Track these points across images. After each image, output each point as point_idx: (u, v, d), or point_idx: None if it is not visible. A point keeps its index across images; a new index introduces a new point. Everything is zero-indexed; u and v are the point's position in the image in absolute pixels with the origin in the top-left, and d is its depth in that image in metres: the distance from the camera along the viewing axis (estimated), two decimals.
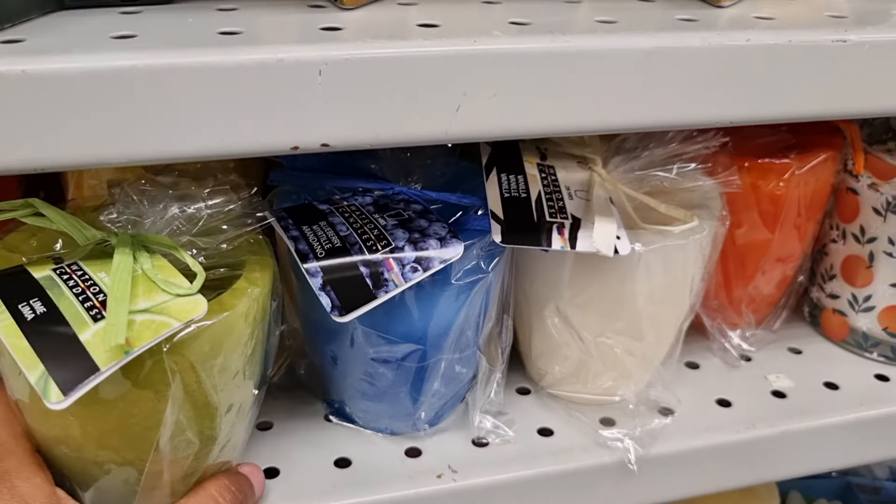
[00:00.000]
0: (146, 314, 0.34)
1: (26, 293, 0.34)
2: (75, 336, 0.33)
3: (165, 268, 0.37)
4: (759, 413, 0.54)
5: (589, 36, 0.36)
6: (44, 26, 0.35)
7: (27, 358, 0.32)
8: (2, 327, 0.33)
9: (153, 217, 0.40)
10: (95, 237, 0.38)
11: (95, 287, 0.35)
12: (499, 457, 0.50)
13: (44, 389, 0.31)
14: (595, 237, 0.43)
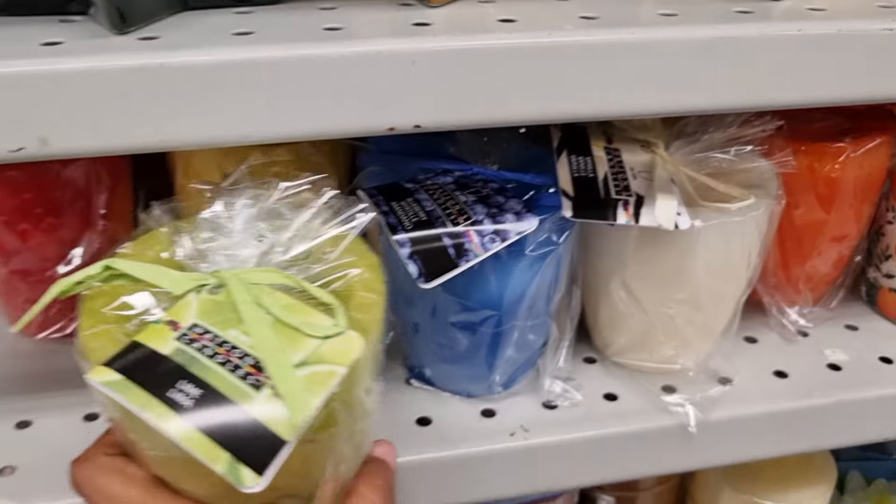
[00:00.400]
0: (306, 368, 0.32)
1: (169, 377, 0.31)
2: (245, 412, 0.30)
3: (294, 306, 0.35)
4: (814, 384, 0.57)
5: (652, 28, 0.40)
6: (173, 25, 0.40)
7: (206, 449, 0.29)
8: (164, 422, 0.29)
9: (238, 240, 0.38)
10: (192, 283, 0.35)
11: (236, 350, 0.32)
12: (567, 418, 0.54)
13: (236, 477, 0.29)
14: (657, 213, 0.46)
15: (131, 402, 0.30)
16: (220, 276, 0.35)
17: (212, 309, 0.34)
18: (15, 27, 0.40)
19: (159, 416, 0.29)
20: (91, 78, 0.35)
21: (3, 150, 0.36)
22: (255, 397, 0.30)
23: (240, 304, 0.34)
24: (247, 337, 0.33)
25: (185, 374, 0.31)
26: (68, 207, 0.55)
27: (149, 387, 0.30)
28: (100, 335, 0.34)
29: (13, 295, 0.58)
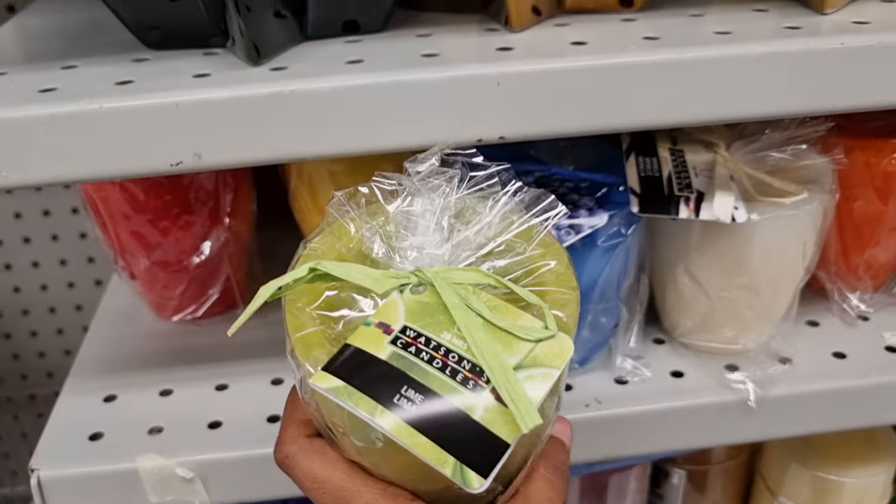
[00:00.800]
0: (523, 371, 0.32)
1: (392, 383, 0.31)
2: (467, 417, 0.31)
3: (501, 308, 0.35)
4: (871, 365, 0.62)
5: (708, 46, 0.46)
6: (297, 56, 0.48)
7: (434, 454, 0.30)
8: (392, 429, 0.30)
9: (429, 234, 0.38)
10: (394, 283, 0.35)
11: (452, 354, 0.33)
12: (637, 392, 0.60)
13: (463, 480, 0.29)
14: (715, 207, 0.52)
15: (360, 408, 0.31)
16: (423, 275, 0.35)
17: (419, 310, 0.34)
18: (170, 61, 0.48)
19: (390, 425, 0.30)
20: (235, 104, 0.43)
21: (165, 164, 0.44)
22: (476, 402, 0.31)
23: (451, 307, 0.34)
24: (461, 340, 0.33)
25: (406, 380, 0.31)
26: (200, 207, 0.64)
27: (374, 394, 0.31)
28: (310, 338, 0.35)
29: (153, 283, 0.68)
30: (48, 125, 0.43)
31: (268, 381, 0.64)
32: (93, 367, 0.67)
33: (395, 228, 0.38)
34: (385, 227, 0.39)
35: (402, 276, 0.35)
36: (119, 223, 0.63)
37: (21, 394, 1.25)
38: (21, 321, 1.18)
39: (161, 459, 0.56)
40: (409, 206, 0.38)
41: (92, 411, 0.62)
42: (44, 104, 0.43)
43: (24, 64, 0.51)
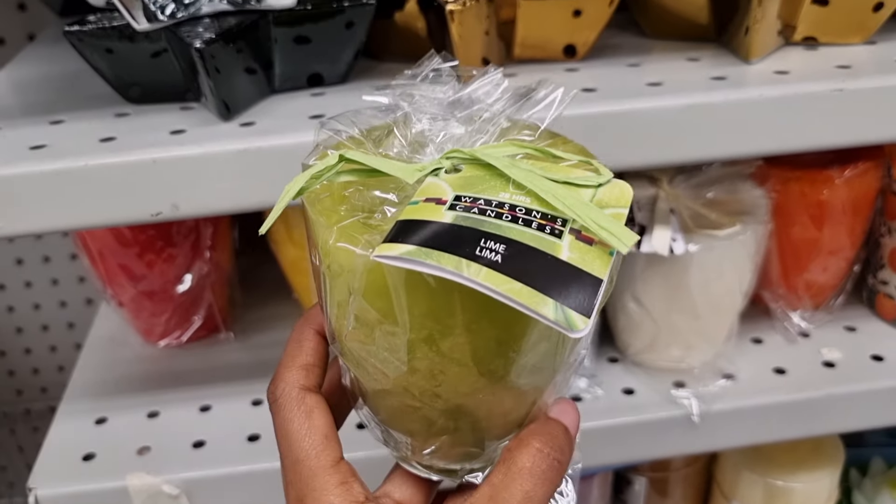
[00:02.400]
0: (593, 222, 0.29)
1: (468, 239, 0.28)
2: (555, 259, 0.28)
3: (551, 167, 0.32)
4: (809, 379, 0.66)
5: (638, 99, 0.50)
6: (265, 110, 0.53)
7: (530, 297, 0.26)
8: (483, 278, 0.27)
9: (441, 124, 0.35)
10: (424, 171, 0.32)
11: (518, 208, 0.29)
12: (590, 409, 0.64)
13: (567, 322, 0.26)
14: (654, 241, 0.57)
15: (444, 264, 0.27)
16: (458, 154, 0.32)
17: (464, 183, 0.31)
18: (149, 116, 0.53)
19: (481, 275, 0.27)
20: (208, 160, 0.47)
21: (146, 214, 0.49)
22: (560, 244, 0.28)
23: (503, 168, 0.31)
24: (522, 196, 0.30)
25: (482, 234, 0.28)
26: (183, 241, 0.68)
27: (453, 250, 0.27)
28: (350, 228, 0.31)
29: (140, 310, 0.72)
30: (39, 181, 0.47)
31: (249, 403, 0.68)
32: (85, 390, 0.71)
33: (404, 130, 0.35)
34: (392, 132, 0.36)
35: (433, 164, 0.32)
36: (107, 256, 0.68)
37: (16, 409, 1.30)
38: (15, 339, 1.22)
39: (149, 478, 0.61)
40: (408, 105, 0.35)
41: (84, 433, 0.66)
42: (34, 162, 0.47)
43: (16, 118, 0.55)
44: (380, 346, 0.32)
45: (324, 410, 0.35)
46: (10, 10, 0.97)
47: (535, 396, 0.35)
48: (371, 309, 0.31)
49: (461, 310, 0.30)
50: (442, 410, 0.34)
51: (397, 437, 0.37)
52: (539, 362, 0.33)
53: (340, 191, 0.33)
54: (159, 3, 0.48)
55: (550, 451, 0.34)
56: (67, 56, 0.66)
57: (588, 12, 0.54)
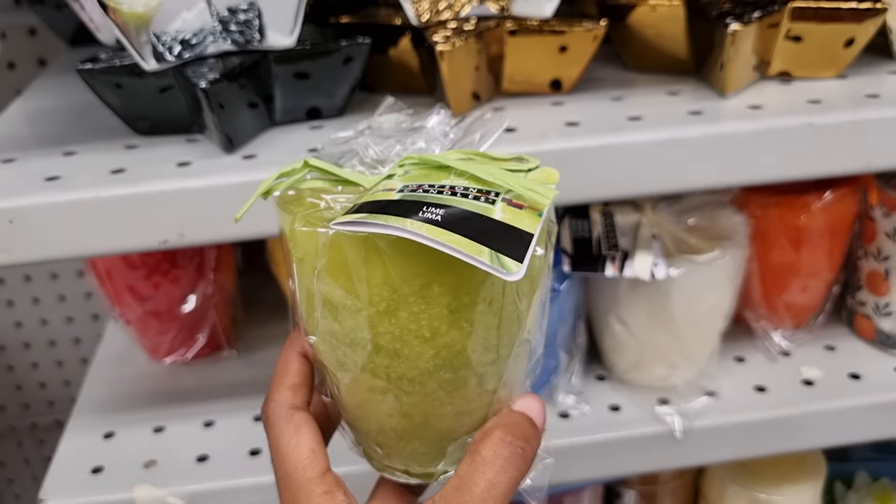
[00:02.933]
0: (521, 188, 0.34)
1: (411, 208, 0.32)
2: (489, 218, 0.32)
3: (489, 163, 0.36)
4: (788, 397, 0.69)
5: (619, 132, 0.53)
6: (266, 142, 0.56)
7: (468, 246, 0.30)
8: (426, 231, 0.30)
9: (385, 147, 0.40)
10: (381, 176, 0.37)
11: (457, 187, 0.34)
12: (578, 425, 0.67)
13: (501, 265, 0.30)
14: (636, 266, 0.60)
15: (390, 222, 0.31)
16: (408, 161, 0.37)
17: (412, 179, 0.35)
18: (157, 148, 0.56)
19: (423, 229, 0.30)
20: (212, 191, 0.51)
21: (154, 242, 0.52)
22: (493, 209, 0.32)
23: (446, 162, 0.35)
24: (462, 181, 0.34)
25: (424, 203, 0.32)
26: (188, 263, 0.71)
27: (398, 213, 0.31)
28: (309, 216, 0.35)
29: (147, 329, 0.75)
30: (53, 211, 0.50)
31: (250, 418, 0.71)
32: (93, 406, 0.74)
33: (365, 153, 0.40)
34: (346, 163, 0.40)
35: (388, 171, 0.37)
36: (115, 277, 0.71)
37: (23, 422, 1.32)
38: (23, 354, 1.25)
39: (155, 490, 0.63)
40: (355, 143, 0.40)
41: (93, 447, 0.69)
42: (50, 193, 0.51)
43: (30, 148, 0.58)
44: (346, 328, 0.35)
45: (311, 426, 0.38)
46: (21, 35, 1.00)
47: (494, 383, 0.37)
48: (335, 285, 0.34)
49: (413, 275, 0.33)
50: (408, 393, 0.36)
51: (372, 440, 0.40)
52: (488, 339, 0.35)
53: (305, 198, 0.37)
54: (167, 44, 0.51)
55: (513, 440, 0.36)
56: (78, 87, 0.69)
57: (573, 48, 0.57)
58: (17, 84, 1.02)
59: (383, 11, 0.59)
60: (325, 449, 0.39)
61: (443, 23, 0.55)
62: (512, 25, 0.56)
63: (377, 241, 0.32)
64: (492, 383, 0.37)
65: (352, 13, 0.59)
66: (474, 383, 0.37)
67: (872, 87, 0.58)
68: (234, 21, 0.52)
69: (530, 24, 0.56)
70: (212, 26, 0.52)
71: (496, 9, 0.56)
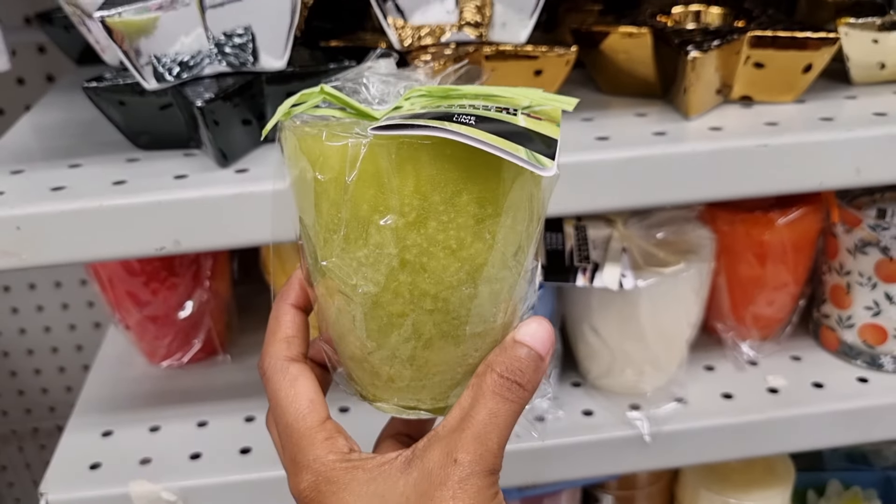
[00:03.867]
0: (539, 100, 0.36)
1: (443, 116, 0.33)
2: (516, 125, 0.34)
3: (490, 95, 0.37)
4: (752, 404, 0.72)
5: (586, 151, 0.57)
6: (258, 157, 0.59)
7: (505, 144, 0.32)
8: (464, 129, 0.32)
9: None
10: (390, 108, 0.37)
11: (475, 106, 0.35)
12: (552, 429, 0.70)
13: (537, 160, 0.32)
14: (605, 277, 0.63)
15: (434, 125, 0.32)
16: (413, 93, 0.37)
17: (428, 103, 0.36)
18: (156, 161, 0.60)
19: (466, 129, 0.32)
20: (207, 202, 0.54)
21: (151, 249, 0.56)
22: (517, 119, 0.34)
23: (458, 88, 0.37)
24: (477, 101, 0.35)
25: (454, 113, 0.33)
26: (185, 271, 0.75)
27: (437, 118, 0.33)
28: (334, 128, 0.35)
29: (145, 333, 0.79)
30: (59, 219, 0.54)
31: (242, 419, 0.75)
32: (93, 406, 0.78)
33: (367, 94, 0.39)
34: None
35: (397, 103, 0.37)
36: (116, 284, 0.75)
37: (25, 427, 1.36)
38: (26, 360, 1.29)
39: (150, 485, 0.67)
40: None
41: (92, 444, 0.72)
42: (55, 202, 0.54)
43: (38, 160, 0.62)
44: (371, 244, 0.35)
45: (308, 377, 0.39)
46: (31, 52, 1.05)
47: (507, 302, 0.38)
48: (365, 197, 0.34)
49: (444, 182, 0.34)
50: (429, 312, 0.37)
51: (384, 374, 0.39)
52: (506, 253, 0.37)
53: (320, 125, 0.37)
54: (167, 66, 0.55)
55: (510, 375, 0.37)
56: (84, 103, 0.73)
57: (547, 72, 0.61)
58: (25, 99, 1.07)
59: (370, 36, 0.63)
60: (323, 398, 0.39)
61: (424, 47, 0.59)
62: (489, 50, 0.60)
63: (412, 148, 0.33)
64: (505, 302, 0.38)
65: (340, 37, 0.63)
66: (491, 301, 0.37)
67: (828, 110, 0.62)
68: (229, 44, 0.56)
69: (506, 49, 0.60)
70: (208, 49, 0.56)
71: (474, 35, 0.60)
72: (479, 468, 0.35)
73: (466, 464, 0.35)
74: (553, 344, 0.40)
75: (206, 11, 0.54)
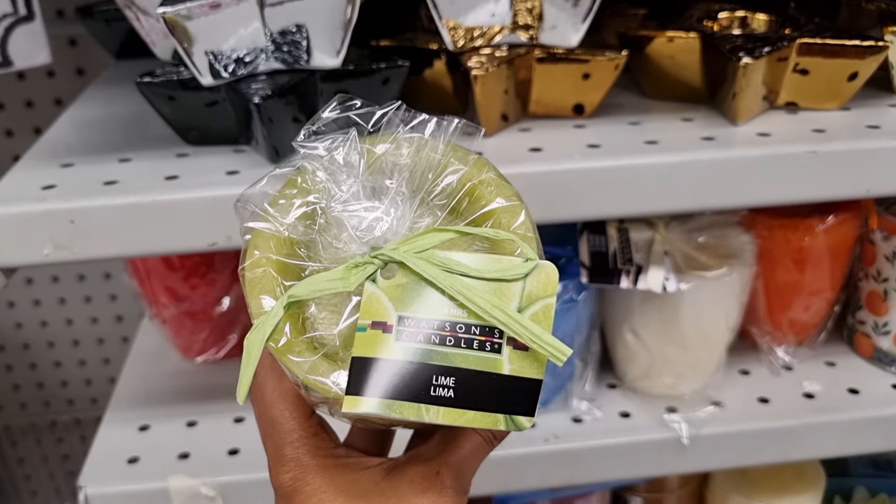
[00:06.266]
0: (526, 312, 0.33)
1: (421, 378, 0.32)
2: (500, 375, 0.32)
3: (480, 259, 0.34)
4: (790, 409, 0.73)
5: (636, 155, 0.57)
6: None
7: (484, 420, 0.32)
8: (442, 418, 0.32)
9: (361, 203, 0.36)
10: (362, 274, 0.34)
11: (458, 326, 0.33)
12: (590, 430, 0.71)
13: (516, 426, 0.32)
14: (649, 279, 0.64)
15: (406, 415, 0.32)
16: (386, 255, 0.34)
17: (403, 295, 0.33)
18: (207, 157, 0.60)
19: (441, 417, 0.32)
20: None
21: (203, 244, 0.56)
22: (501, 360, 0.32)
23: (433, 280, 0.33)
24: (458, 310, 0.33)
25: (432, 369, 0.32)
26: (223, 267, 0.75)
27: (411, 396, 0.32)
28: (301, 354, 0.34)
29: (181, 328, 0.79)
30: (112, 213, 0.54)
31: None
32: (129, 401, 0.78)
33: (319, 201, 0.37)
34: (307, 209, 0.38)
35: (365, 263, 0.34)
36: (154, 279, 0.75)
37: (43, 419, 1.36)
38: (46, 353, 1.29)
39: (189, 480, 0.67)
40: (332, 186, 0.37)
41: (129, 439, 0.73)
42: (109, 196, 0.55)
43: (87, 154, 0.62)
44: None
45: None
46: (62, 44, 1.05)
47: None
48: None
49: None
50: None
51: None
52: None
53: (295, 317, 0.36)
54: (223, 62, 0.56)
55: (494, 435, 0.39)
56: (125, 98, 0.74)
57: (596, 76, 0.62)
58: (56, 92, 1.07)
59: (421, 36, 0.63)
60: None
61: (476, 49, 0.59)
62: (540, 53, 0.60)
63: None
64: None
65: (391, 37, 0.64)
66: None
67: (873, 118, 0.63)
68: (285, 41, 0.56)
69: (557, 53, 0.60)
70: (264, 45, 0.56)
71: (526, 37, 0.60)
72: (458, 484, 0.37)
73: (448, 478, 0.37)
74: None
75: (266, 8, 0.54)
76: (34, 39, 0.58)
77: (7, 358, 1.29)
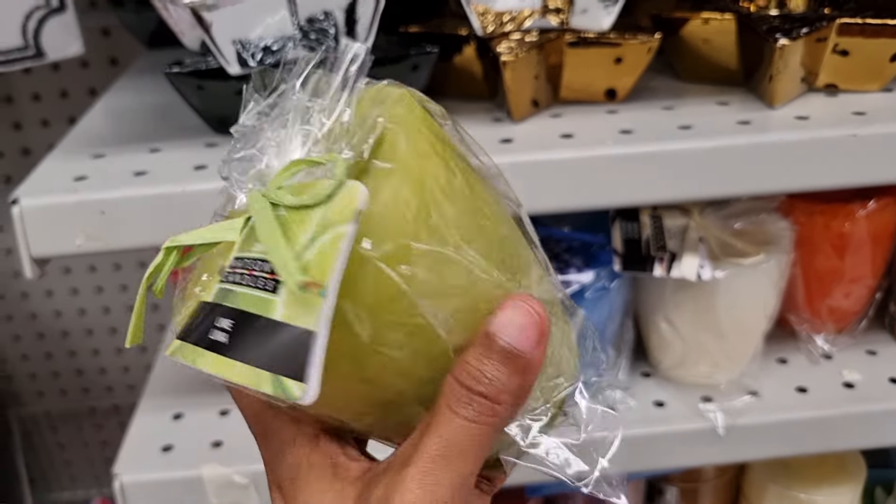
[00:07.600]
0: (313, 244, 0.27)
1: (208, 320, 0.29)
2: (270, 320, 0.27)
3: (302, 186, 0.29)
4: (829, 399, 0.71)
5: (670, 141, 0.56)
6: None
7: (249, 377, 0.26)
8: (210, 367, 0.28)
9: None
10: (242, 220, 0.30)
11: (257, 262, 0.28)
12: (623, 419, 0.70)
13: (285, 392, 0.25)
14: (683, 267, 0.62)
15: (186, 360, 0.29)
16: (250, 198, 0.30)
17: (248, 235, 0.29)
18: None
19: (210, 366, 0.28)
20: None
21: None
22: (275, 301, 0.27)
23: (254, 214, 0.28)
24: (262, 244, 0.28)
25: (219, 311, 0.28)
26: None
27: (195, 339, 0.28)
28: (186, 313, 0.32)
29: None
30: (143, 203, 0.55)
31: None
32: (162, 390, 0.78)
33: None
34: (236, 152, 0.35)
35: (243, 216, 0.30)
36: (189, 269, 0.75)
37: (83, 406, 1.38)
38: (85, 340, 1.31)
39: (222, 469, 0.68)
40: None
41: (163, 427, 0.73)
42: (139, 187, 0.55)
43: (118, 145, 0.62)
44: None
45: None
46: (95, 35, 1.06)
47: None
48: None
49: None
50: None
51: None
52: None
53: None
54: (251, 50, 0.55)
55: (472, 384, 0.29)
56: (157, 88, 0.74)
57: (628, 59, 0.60)
58: (90, 82, 1.08)
59: (449, 22, 0.63)
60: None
61: (506, 34, 0.59)
62: (571, 37, 0.59)
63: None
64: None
65: (420, 23, 0.63)
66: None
67: None
68: (313, 29, 0.56)
69: (588, 37, 0.59)
70: (292, 33, 0.56)
71: (556, 22, 0.59)
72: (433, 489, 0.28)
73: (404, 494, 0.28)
74: (543, 333, 0.30)
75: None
76: (66, 30, 0.58)
77: (47, 346, 1.31)
